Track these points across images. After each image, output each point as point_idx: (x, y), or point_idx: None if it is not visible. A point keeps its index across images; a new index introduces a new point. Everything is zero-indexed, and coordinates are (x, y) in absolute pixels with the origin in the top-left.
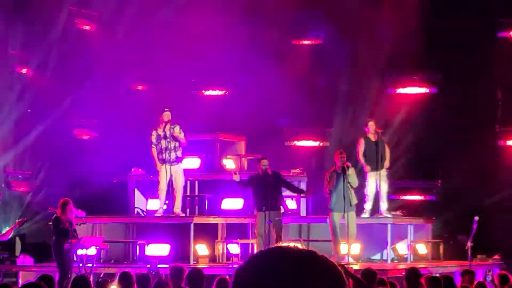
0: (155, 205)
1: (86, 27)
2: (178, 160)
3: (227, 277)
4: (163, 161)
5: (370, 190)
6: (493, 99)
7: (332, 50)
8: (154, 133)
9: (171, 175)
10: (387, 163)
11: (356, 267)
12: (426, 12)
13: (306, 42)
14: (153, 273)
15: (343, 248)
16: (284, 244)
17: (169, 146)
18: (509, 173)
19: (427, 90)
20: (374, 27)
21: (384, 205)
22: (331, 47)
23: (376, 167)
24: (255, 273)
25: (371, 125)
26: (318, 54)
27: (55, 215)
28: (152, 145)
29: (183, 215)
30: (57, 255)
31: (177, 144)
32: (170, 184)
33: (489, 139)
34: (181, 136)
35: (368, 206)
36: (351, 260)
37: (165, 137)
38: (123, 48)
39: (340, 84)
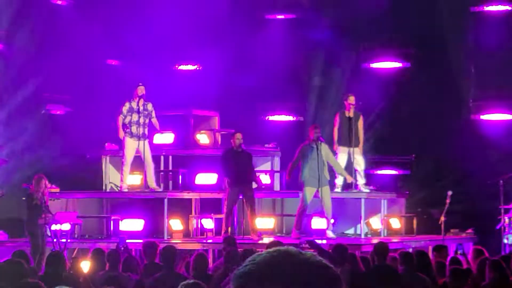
0: (132, 180)
1: (59, 2)
2: (146, 136)
3: (202, 252)
4: (131, 135)
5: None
6: (467, 74)
7: (306, 24)
8: (127, 104)
9: (137, 150)
10: (360, 146)
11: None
12: None
13: (279, 16)
14: (122, 248)
15: (319, 223)
16: (283, 248)
17: (140, 121)
18: (482, 147)
19: (401, 65)
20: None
21: (361, 180)
22: (305, 22)
23: (349, 143)
24: (259, 277)
25: (351, 99)
26: (292, 29)
27: (29, 191)
28: (121, 115)
29: (160, 189)
30: (30, 231)
31: (147, 120)
32: (140, 160)
33: (463, 113)
34: (155, 121)
35: (339, 181)
36: (331, 235)
37: (138, 111)
38: (95, 23)
39: (315, 59)
